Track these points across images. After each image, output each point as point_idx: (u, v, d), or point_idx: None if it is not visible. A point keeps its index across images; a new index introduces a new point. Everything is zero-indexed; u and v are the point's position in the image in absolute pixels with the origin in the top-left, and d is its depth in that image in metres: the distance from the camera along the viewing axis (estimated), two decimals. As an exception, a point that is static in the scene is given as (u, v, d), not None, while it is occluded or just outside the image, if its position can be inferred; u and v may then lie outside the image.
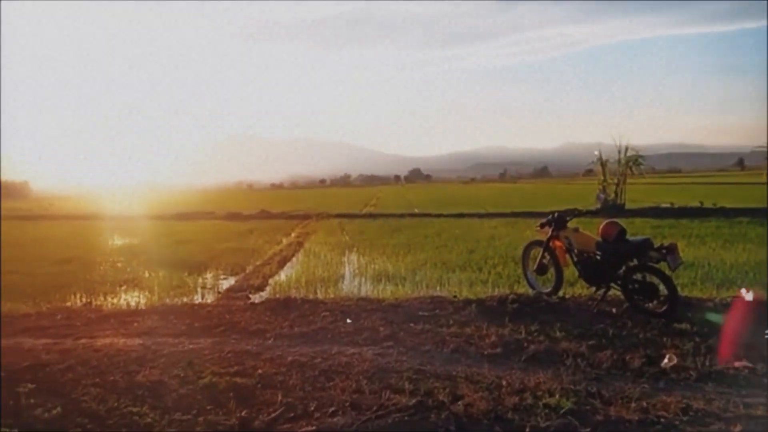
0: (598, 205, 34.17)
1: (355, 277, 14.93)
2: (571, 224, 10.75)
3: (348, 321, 8.95)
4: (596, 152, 39.08)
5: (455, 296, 10.77)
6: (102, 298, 12.97)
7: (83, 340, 8.45)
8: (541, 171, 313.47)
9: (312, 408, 5.60)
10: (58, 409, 5.58)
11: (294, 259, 18.90)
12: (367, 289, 13.05)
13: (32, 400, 5.84)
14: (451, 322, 8.68)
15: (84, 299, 12.89)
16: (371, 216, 37.75)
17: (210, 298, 12.70)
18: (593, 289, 10.15)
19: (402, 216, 36.13)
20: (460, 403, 5.57)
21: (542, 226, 11.05)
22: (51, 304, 12.08)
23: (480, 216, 33.51)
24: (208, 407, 5.67)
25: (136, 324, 9.45)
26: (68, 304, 12.35)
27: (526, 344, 7.46)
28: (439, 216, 34.68)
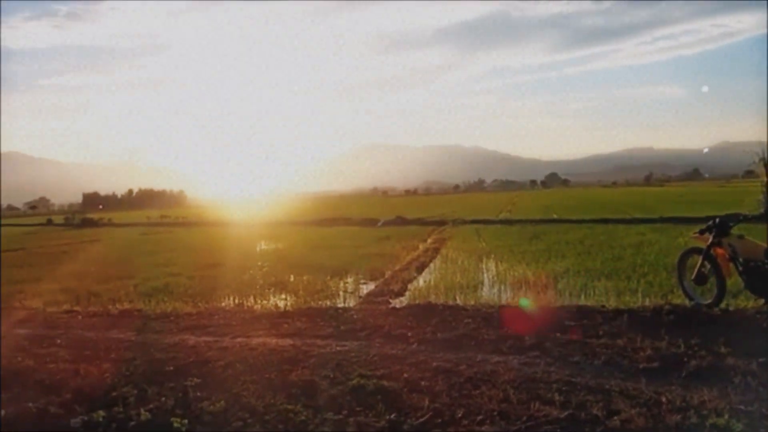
0: (761, 210, 31.39)
1: (494, 284, 14.76)
2: (736, 230, 9.95)
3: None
4: (758, 151, 35.85)
5: (603, 306, 10.31)
6: (252, 300, 13.75)
7: (239, 339, 9.01)
8: (692, 173, 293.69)
9: (459, 415, 5.60)
10: (222, 402, 5.97)
11: (431, 265, 19.01)
12: (507, 297, 12.86)
13: (199, 394, 6.29)
14: (601, 332, 8.31)
15: (236, 300, 13.74)
16: (508, 222, 37.14)
17: (352, 302, 13.07)
18: (761, 301, 9.35)
19: (540, 222, 35.28)
20: (616, 418, 5.32)
21: (701, 233, 10.29)
22: (208, 304, 12.99)
23: (625, 221, 31.95)
24: (358, 408, 5.83)
25: (286, 325, 9.92)
26: (223, 304, 13.22)
27: (686, 359, 6.96)
28: (580, 222, 33.44)
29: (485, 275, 16.11)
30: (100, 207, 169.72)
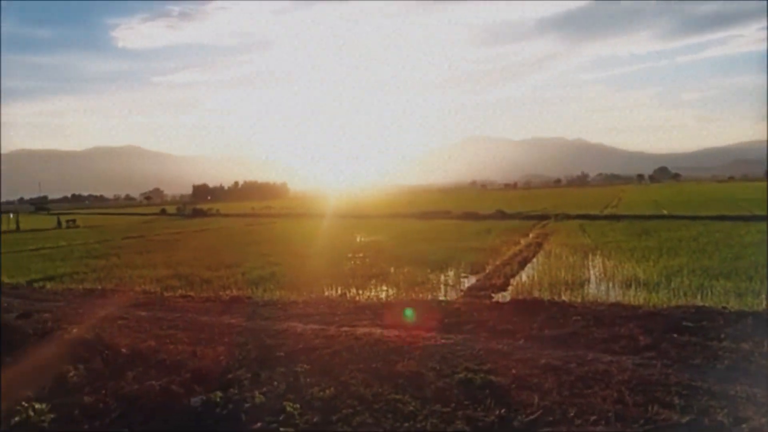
0: None
1: (601, 281, 14.24)
2: None
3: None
4: None
5: (724, 307, 9.70)
6: (354, 290, 13.95)
7: (345, 328, 9.16)
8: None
9: (572, 414, 5.43)
10: (331, 389, 6.09)
11: (534, 260, 18.59)
12: (616, 294, 12.37)
13: (308, 380, 6.45)
14: (723, 335, 7.82)
15: (339, 290, 13.99)
16: (614, 217, 35.78)
17: (453, 296, 12.99)
18: None
19: (649, 218, 33.76)
20: (744, 426, 4.98)
21: None
22: (312, 293, 13.31)
23: (744, 219, 29.96)
24: (466, 402, 5.78)
25: (390, 316, 9.99)
26: (326, 294, 13.50)
27: (823, 367, 6.44)
28: (693, 218, 31.71)
29: (592, 272, 15.58)
30: (209, 198, 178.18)
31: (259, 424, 5.36)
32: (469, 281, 14.98)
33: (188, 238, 33.29)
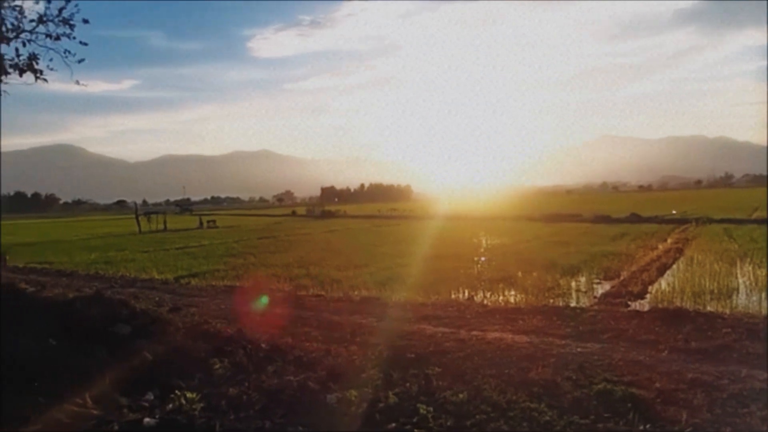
0: None
1: (753, 291, 13.17)
2: None
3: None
4: None
5: None
6: (482, 294, 13.79)
7: (475, 332, 9.07)
8: None
9: (726, 434, 5.03)
10: (464, 394, 6.02)
11: (674, 266, 17.55)
12: (772, 306, 11.39)
13: (440, 383, 6.42)
14: None
15: (467, 293, 13.88)
16: (765, 222, 32.96)
17: (585, 302, 12.52)
18: None
19: (809, 222, 30.80)
20: None
21: None
22: (439, 295, 13.30)
23: None
24: (606, 415, 5.51)
25: (520, 321, 9.78)
26: (453, 296, 13.45)
27: None
28: None
29: (741, 281, 14.45)
30: (336, 200, 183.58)
31: (393, 425, 5.41)
32: (602, 288, 14.40)
33: (317, 238, 34.45)
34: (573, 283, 14.93)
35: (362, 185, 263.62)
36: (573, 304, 12.23)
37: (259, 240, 34.01)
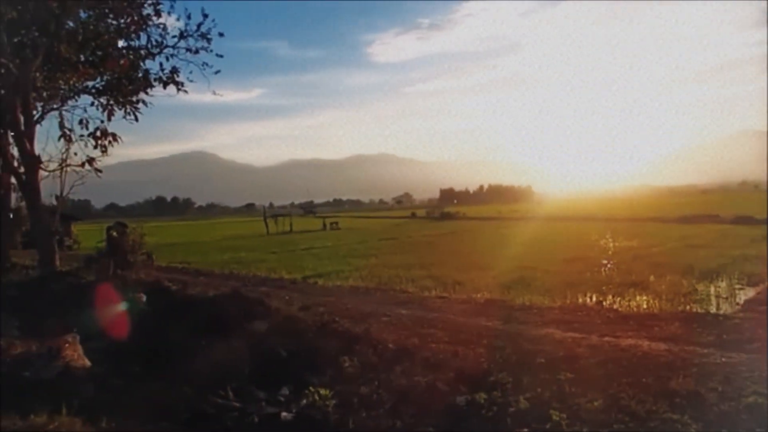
0: None
1: None
2: None
3: None
4: None
5: None
6: (611, 299, 13.24)
7: (607, 338, 8.72)
8: None
9: None
10: (599, 402, 5.81)
11: (830, 271, 16.01)
12: None
13: (573, 389, 6.24)
14: None
15: (595, 298, 13.39)
16: None
17: (727, 309, 11.71)
18: None
19: None
20: None
21: None
22: (566, 299, 12.92)
23: None
24: (758, 430, 5.13)
25: (656, 328, 9.31)
26: (581, 301, 13.01)
27: None
28: None
29: None
30: (455, 201, 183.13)
31: (525, 430, 5.33)
32: (745, 294, 13.40)
33: (438, 240, 34.53)
34: (712, 289, 14.02)
35: (481, 187, 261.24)
36: (713, 310, 11.48)
37: (380, 241, 34.58)
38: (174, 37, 16.42)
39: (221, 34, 15.97)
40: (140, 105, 17.48)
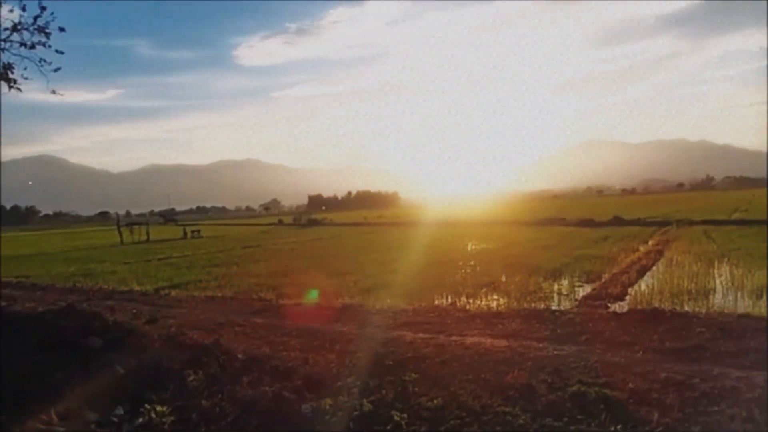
0: None
1: (729, 290, 13.32)
2: None
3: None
4: None
5: None
6: (465, 299, 13.81)
7: (455, 337, 9.10)
8: None
9: (695, 432, 5.09)
10: (439, 400, 6.04)
11: (654, 268, 17.71)
12: (746, 305, 11.53)
13: (416, 389, 6.44)
14: None
15: (450, 299, 13.90)
16: (744, 223, 33.46)
17: (567, 305, 12.58)
18: None
19: (785, 222, 31.23)
20: None
21: None
22: (423, 301, 13.30)
23: None
24: (579, 417, 5.56)
25: (500, 326, 9.83)
26: (437, 302, 13.46)
27: None
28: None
29: (718, 281, 14.60)
30: (323, 208, 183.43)
31: (366, 433, 5.42)
32: (584, 290, 14.47)
33: (303, 247, 34.35)
34: (555, 287, 14.97)
35: (349, 193, 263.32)
36: (555, 307, 12.27)
37: (243, 249, 33.84)
38: (6, 29, 15.07)
39: (62, 29, 14.87)
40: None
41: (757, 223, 31.83)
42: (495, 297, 13.95)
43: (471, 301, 13.62)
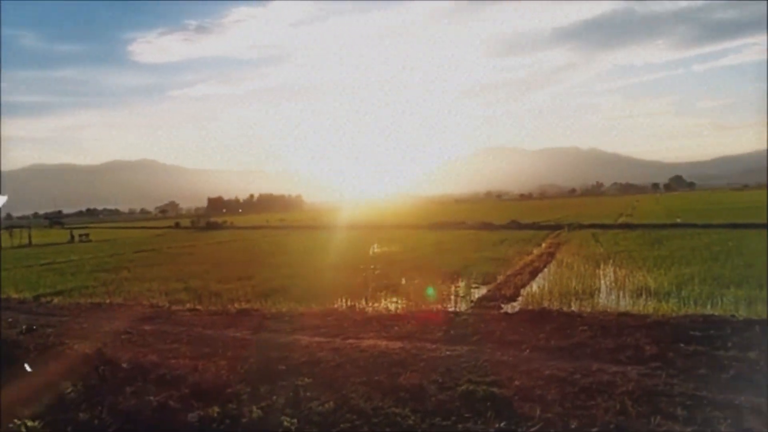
0: None
1: (612, 290, 14.08)
2: None
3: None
4: None
5: (733, 315, 9.54)
6: (364, 302, 13.84)
7: (350, 340, 9.09)
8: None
9: (573, 426, 5.32)
10: (331, 403, 6.01)
11: (546, 269, 18.44)
12: (626, 304, 12.22)
13: (309, 394, 6.37)
14: (730, 344, 7.68)
15: (349, 302, 13.88)
16: (628, 226, 35.56)
17: (463, 306, 12.86)
18: None
19: (663, 226, 33.49)
20: (747, 437, 4.87)
21: None
22: (322, 305, 13.21)
23: (757, 227, 29.57)
24: (467, 415, 5.69)
25: (396, 328, 9.90)
26: (336, 306, 13.40)
27: (828, 375, 6.30)
28: (706, 226, 31.44)
29: (602, 281, 15.40)
30: (224, 211, 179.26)
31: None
32: (479, 292, 14.82)
33: (201, 250, 33.40)
34: (453, 288, 15.26)
35: (251, 195, 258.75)
36: (451, 308, 12.51)
37: (136, 253, 32.44)
38: None
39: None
40: None
41: (639, 227, 34.00)
42: (393, 299, 14.06)
43: (370, 304, 13.65)
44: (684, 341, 7.87)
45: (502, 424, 5.41)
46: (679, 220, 37.91)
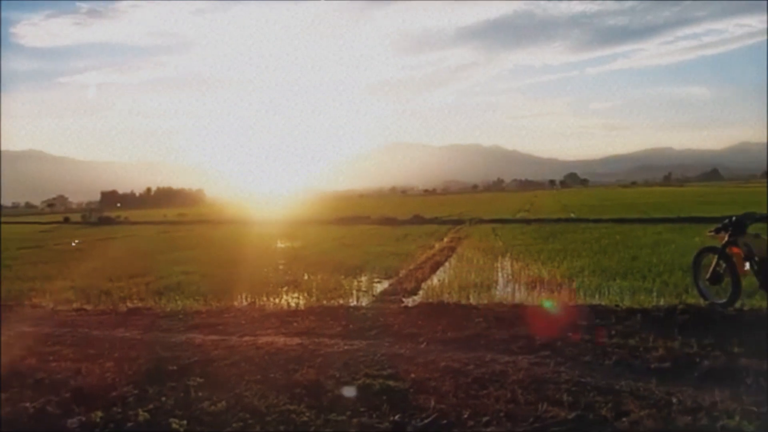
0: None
1: (508, 283, 14.53)
2: (752, 230, 9.68)
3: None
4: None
5: (617, 305, 10.07)
6: (265, 298, 13.59)
7: (247, 338, 8.86)
8: (711, 173, 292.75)
9: (465, 416, 5.41)
10: (223, 403, 5.82)
11: (446, 263, 18.80)
12: (521, 296, 12.65)
13: (200, 394, 6.15)
14: (614, 332, 8.09)
15: (249, 299, 13.59)
16: (525, 221, 36.91)
17: (365, 301, 12.89)
18: None
19: (557, 221, 35.03)
20: (624, 419, 5.12)
21: (717, 231, 10.02)
22: (220, 302, 12.86)
23: (643, 221, 31.51)
24: (362, 409, 5.66)
25: (295, 324, 9.76)
26: (235, 303, 13.08)
27: (698, 359, 6.73)
28: (597, 221, 33.15)
29: (500, 274, 15.89)
30: (118, 205, 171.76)
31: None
32: (381, 286, 14.90)
33: (92, 247, 31.79)
34: (355, 283, 15.26)
35: (149, 189, 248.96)
36: (353, 303, 12.50)
37: (19, 251, 30.33)
38: None
39: None
40: None
41: (536, 222, 35.43)
42: (295, 295, 13.88)
43: (271, 300, 13.42)
44: (572, 331, 8.20)
45: (396, 417, 5.42)
46: (572, 215, 39.79)
